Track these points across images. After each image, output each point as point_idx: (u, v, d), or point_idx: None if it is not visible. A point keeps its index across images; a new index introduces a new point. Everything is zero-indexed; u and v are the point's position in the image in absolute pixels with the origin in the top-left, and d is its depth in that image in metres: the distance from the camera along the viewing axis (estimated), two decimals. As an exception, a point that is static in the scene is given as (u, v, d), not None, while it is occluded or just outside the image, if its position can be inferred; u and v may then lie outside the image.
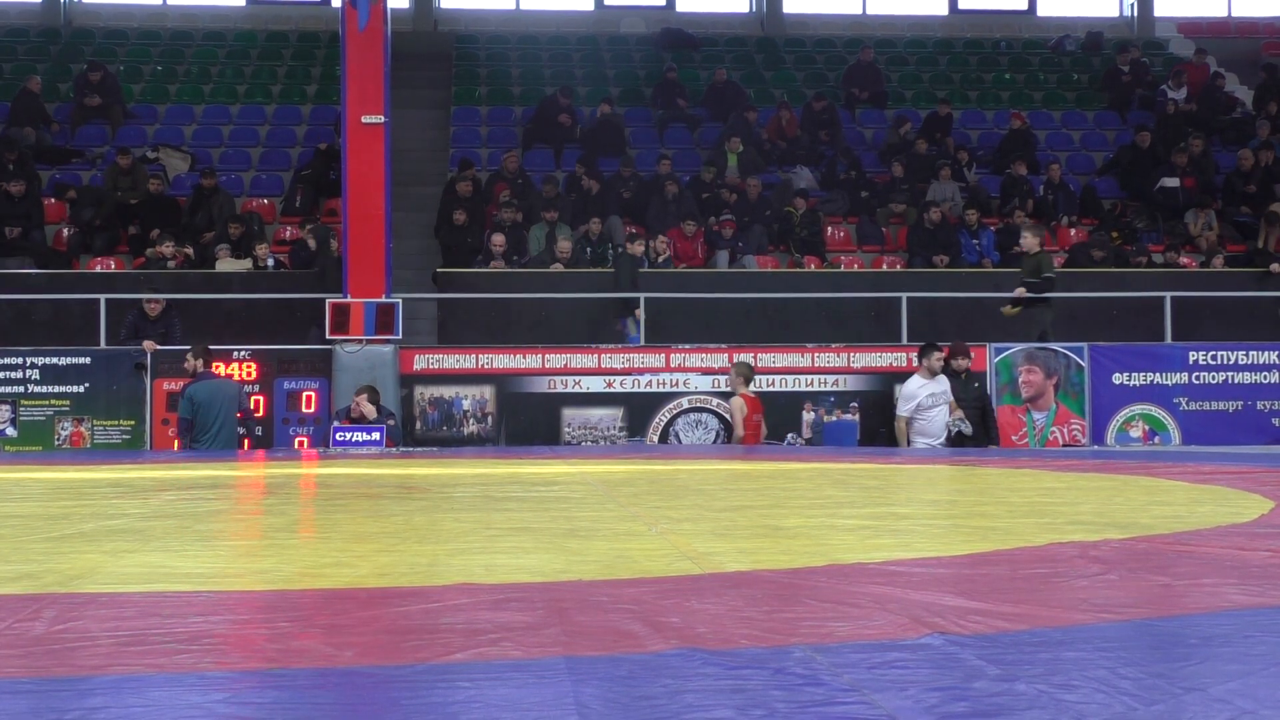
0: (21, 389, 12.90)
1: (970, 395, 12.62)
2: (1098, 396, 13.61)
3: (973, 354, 12.99)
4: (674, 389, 13.35)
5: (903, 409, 12.47)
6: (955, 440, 12.31)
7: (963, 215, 16.84)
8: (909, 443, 12.35)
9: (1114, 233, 16.94)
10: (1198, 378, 13.74)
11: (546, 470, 8.50)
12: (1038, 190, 17.65)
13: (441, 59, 21.49)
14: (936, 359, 12.56)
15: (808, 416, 13.32)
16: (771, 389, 13.41)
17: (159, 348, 12.93)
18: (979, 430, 12.55)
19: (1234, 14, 24.99)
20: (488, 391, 13.21)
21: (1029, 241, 13.78)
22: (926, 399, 12.38)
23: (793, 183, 17.72)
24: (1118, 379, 13.62)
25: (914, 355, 13.52)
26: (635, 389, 13.29)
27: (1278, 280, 15.59)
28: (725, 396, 13.20)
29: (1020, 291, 13.45)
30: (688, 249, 16.03)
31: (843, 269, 16.40)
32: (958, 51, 23.02)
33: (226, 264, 15.03)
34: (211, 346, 13.26)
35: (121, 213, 16.19)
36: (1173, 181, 17.72)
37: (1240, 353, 13.84)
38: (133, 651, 2.54)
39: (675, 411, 13.34)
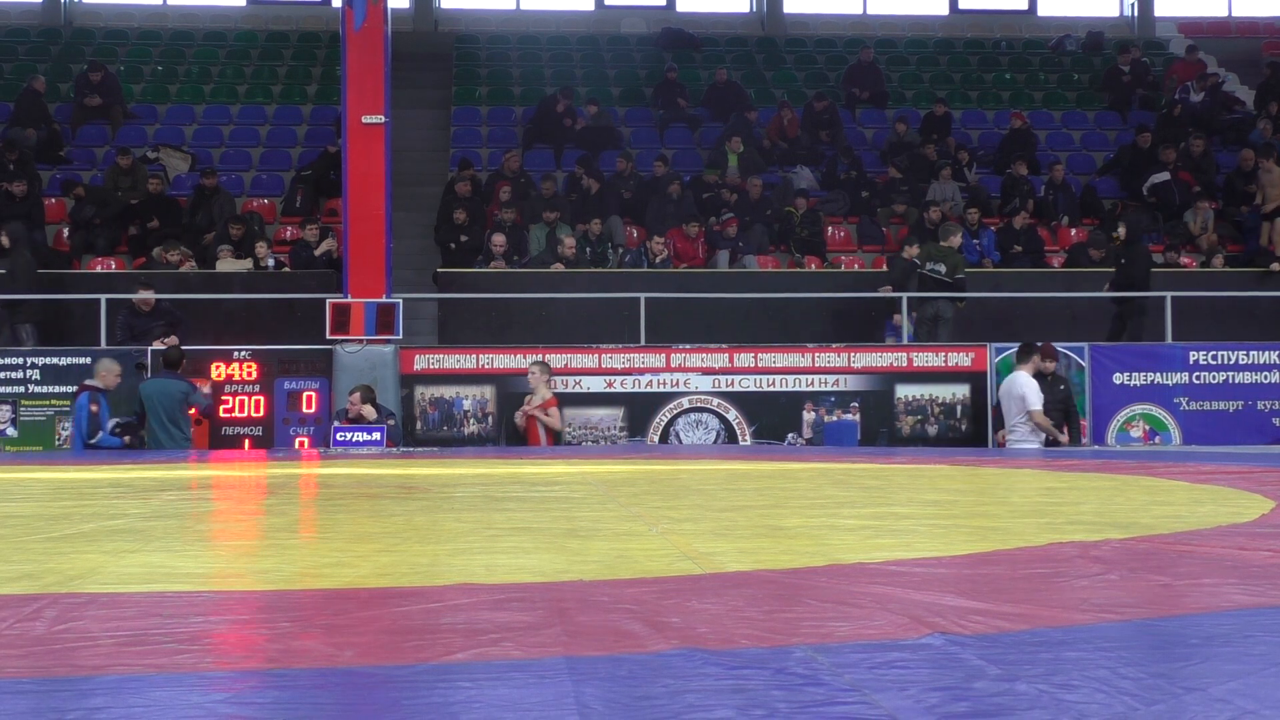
0: (22, 389, 12.90)
1: (1056, 397, 12.53)
2: (1098, 396, 13.62)
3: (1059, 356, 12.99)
4: (674, 389, 13.35)
5: (1036, 402, 12.22)
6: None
7: (963, 215, 16.84)
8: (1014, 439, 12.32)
9: (1114, 233, 16.93)
10: (1198, 378, 13.74)
11: (547, 470, 8.50)
12: (1039, 190, 17.66)
13: (442, 59, 21.49)
14: (1039, 359, 12.57)
15: (808, 416, 13.32)
16: (772, 389, 13.41)
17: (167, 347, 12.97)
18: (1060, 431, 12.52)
19: (1234, 14, 24.99)
20: (488, 391, 13.21)
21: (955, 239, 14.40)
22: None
23: (793, 182, 17.73)
24: (1118, 379, 13.62)
25: (913, 355, 13.54)
26: (636, 389, 13.29)
27: (1278, 279, 15.59)
28: (729, 397, 13.19)
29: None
30: (688, 249, 16.04)
31: (843, 269, 16.40)
32: (958, 51, 23.02)
33: (227, 264, 15.04)
34: (211, 347, 13.27)
35: (121, 213, 16.20)
36: (1162, 176, 17.72)
37: (1240, 353, 13.84)
38: (133, 651, 2.54)
39: (675, 411, 13.34)
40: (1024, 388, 12.25)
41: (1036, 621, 2.75)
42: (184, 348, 12.99)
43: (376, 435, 11.99)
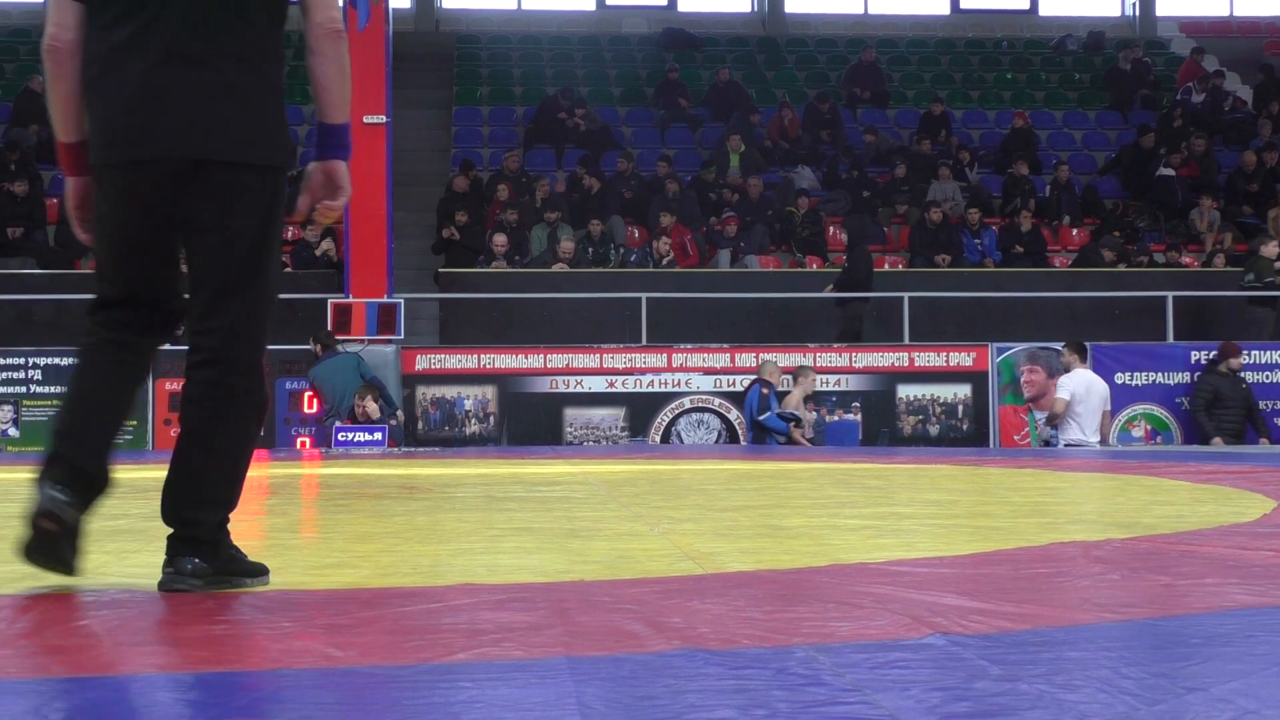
0: (24, 389, 12.91)
1: (1238, 395, 13.00)
2: (1100, 396, 13.58)
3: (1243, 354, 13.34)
4: (676, 389, 13.35)
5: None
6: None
7: (964, 215, 16.84)
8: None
9: (1115, 232, 16.95)
10: (1199, 377, 13.72)
11: (548, 470, 8.50)
12: (1041, 190, 17.66)
13: (443, 59, 21.49)
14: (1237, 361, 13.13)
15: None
16: (773, 389, 13.40)
17: (168, 348, 12.96)
18: (1239, 430, 12.91)
19: (1235, 13, 24.99)
20: (490, 391, 13.22)
21: (1269, 249, 14.57)
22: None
23: (794, 182, 17.73)
24: (1120, 378, 13.61)
25: (915, 355, 13.55)
26: (637, 389, 13.29)
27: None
28: (731, 397, 13.21)
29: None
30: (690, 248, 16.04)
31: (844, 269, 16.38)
32: (959, 51, 23.02)
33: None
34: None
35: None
36: (1168, 171, 17.75)
37: (1241, 352, 13.81)
38: (135, 651, 2.54)
39: (677, 411, 13.34)
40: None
41: (1038, 621, 2.74)
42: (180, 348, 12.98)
43: (378, 435, 11.99)
